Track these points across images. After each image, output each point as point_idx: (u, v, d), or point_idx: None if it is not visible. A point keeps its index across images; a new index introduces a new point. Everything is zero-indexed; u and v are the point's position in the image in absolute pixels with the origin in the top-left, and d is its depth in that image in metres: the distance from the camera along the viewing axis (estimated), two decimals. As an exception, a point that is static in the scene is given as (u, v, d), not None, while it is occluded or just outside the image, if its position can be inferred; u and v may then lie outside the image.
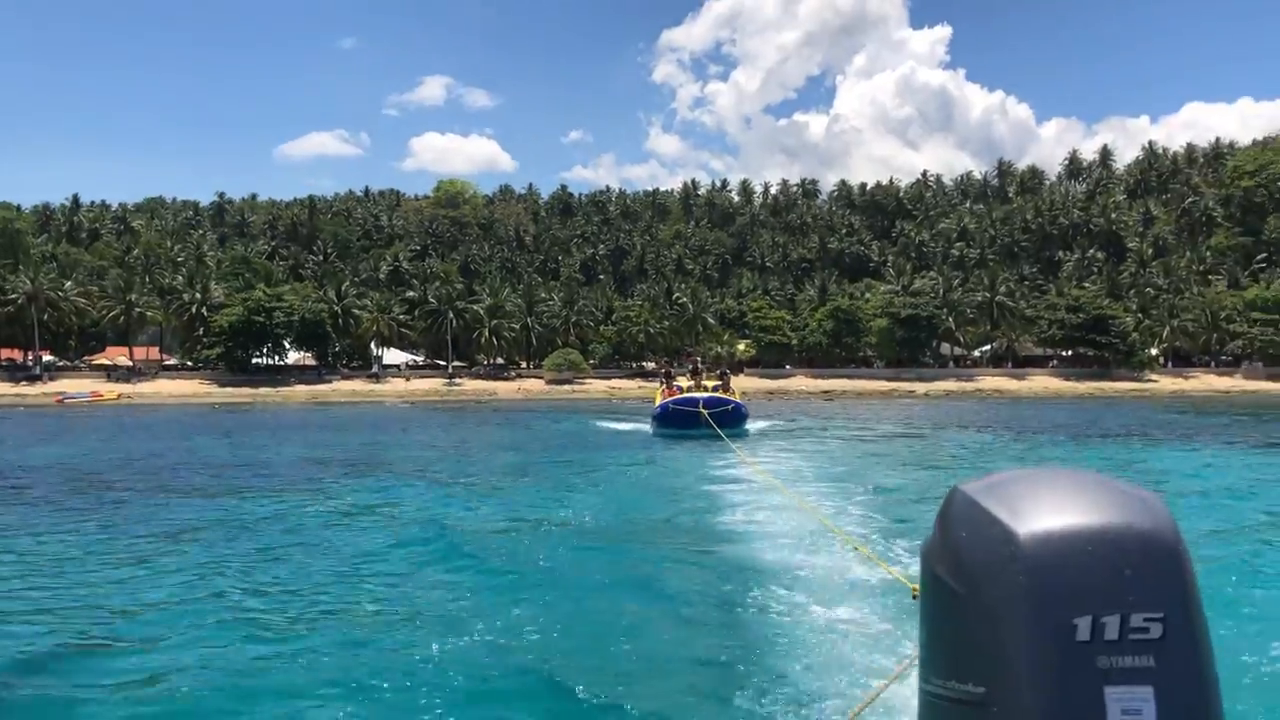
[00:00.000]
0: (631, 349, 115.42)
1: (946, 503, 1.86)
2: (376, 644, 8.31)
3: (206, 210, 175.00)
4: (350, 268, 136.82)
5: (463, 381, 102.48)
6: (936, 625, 1.83)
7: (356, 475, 23.50)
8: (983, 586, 1.69)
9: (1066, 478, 1.78)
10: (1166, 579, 1.63)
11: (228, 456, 29.77)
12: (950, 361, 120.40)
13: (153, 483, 22.01)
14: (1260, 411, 58.46)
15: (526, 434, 41.14)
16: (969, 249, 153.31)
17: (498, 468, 25.72)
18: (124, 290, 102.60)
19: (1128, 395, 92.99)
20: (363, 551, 12.84)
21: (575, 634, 8.48)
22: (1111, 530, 1.64)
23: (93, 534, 14.93)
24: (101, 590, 10.85)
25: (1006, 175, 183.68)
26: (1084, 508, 1.68)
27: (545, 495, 18.77)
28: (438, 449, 32.84)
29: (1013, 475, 1.83)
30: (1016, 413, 58.24)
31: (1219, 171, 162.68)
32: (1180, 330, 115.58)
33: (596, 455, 29.33)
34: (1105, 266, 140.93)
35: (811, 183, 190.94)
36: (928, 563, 1.86)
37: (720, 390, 37.43)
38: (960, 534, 1.77)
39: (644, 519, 15.76)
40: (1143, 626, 1.60)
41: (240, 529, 15.15)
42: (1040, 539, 1.65)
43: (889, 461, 26.53)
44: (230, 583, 11.03)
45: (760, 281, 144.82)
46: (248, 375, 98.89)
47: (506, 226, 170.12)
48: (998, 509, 1.72)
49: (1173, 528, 1.68)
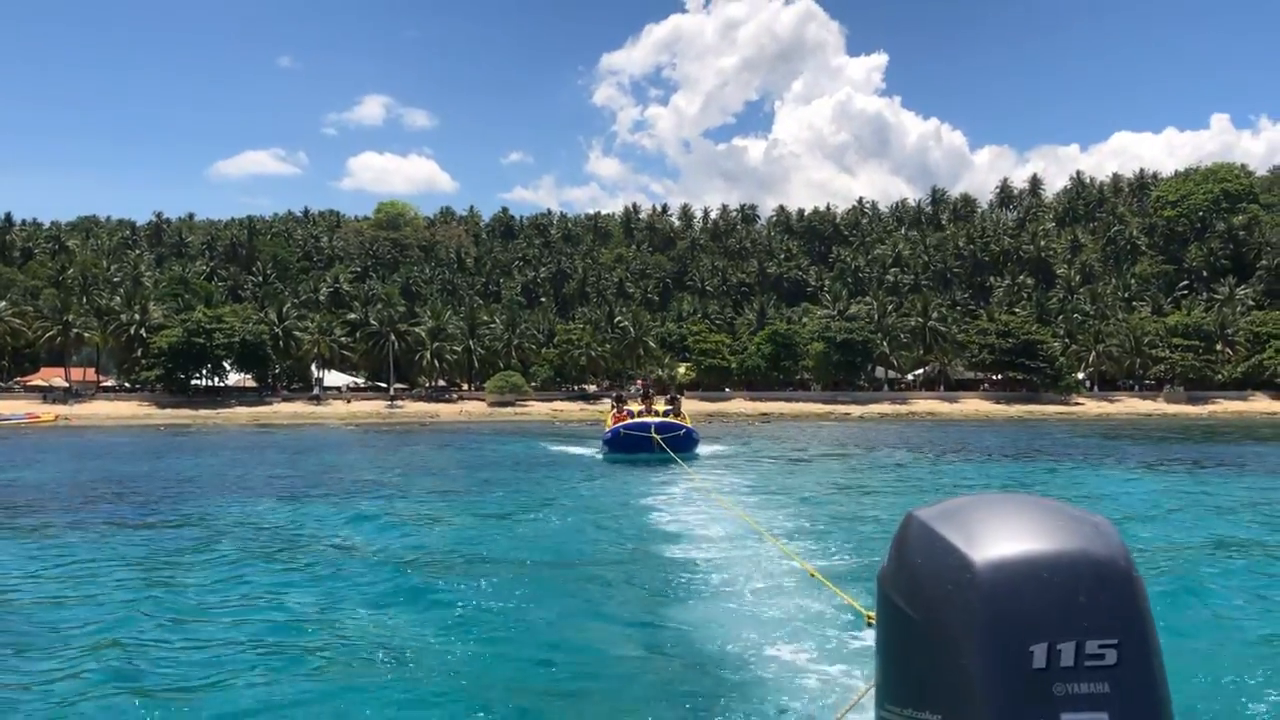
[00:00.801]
0: (573, 372, 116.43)
1: (902, 528, 1.86)
2: (324, 682, 8.07)
3: (143, 230, 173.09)
4: (290, 289, 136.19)
5: (404, 404, 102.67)
6: (892, 652, 1.82)
7: (326, 501, 23.07)
8: (939, 613, 1.68)
9: (1021, 504, 1.78)
10: (1120, 605, 1.63)
11: (197, 480, 29.72)
12: (885, 385, 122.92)
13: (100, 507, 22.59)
14: (1173, 434, 61.14)
15: (475, 458, 40.18)
16: (903, 275, 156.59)
17: (452, 493, 25.37)
18: (61, 311, 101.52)
19: (1054, 418, 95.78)
20: (340, 582, 12.55)
21: (522, 660, 8.48)
22: (1066, 556, 1.64)
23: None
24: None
25: (940, 203, 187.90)
26: (1039, 534, 1.68)
27: (493, 523, 18.59)
28: (397, 473, 32.18)
29: (968, 501, 1.83)
30: (955, 436, 59.82)
31: (1143, 201, 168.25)
32: (1105, 355, 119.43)
33: (548, 480, 28.84)
34: (1035, 292, 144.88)
35: (751, 208, 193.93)
36: (883, 589, 1.85)
37: (671, 415, 37.05)
38: (916, 560, 1.77)
39: (593, 546, 15.54)
40: (1098, 653, 1.59)
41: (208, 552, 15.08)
42: (995, 565, 1.64)
43: (843, 485, 26.71)
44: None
45: (700, 305, 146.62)
46: (187, 397, 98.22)
47: (448, 248, 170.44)
48: (953, 535, 1.72)
49: (1125, 554, 1.69)
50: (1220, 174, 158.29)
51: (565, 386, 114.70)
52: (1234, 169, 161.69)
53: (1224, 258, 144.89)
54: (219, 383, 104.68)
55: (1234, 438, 56.42)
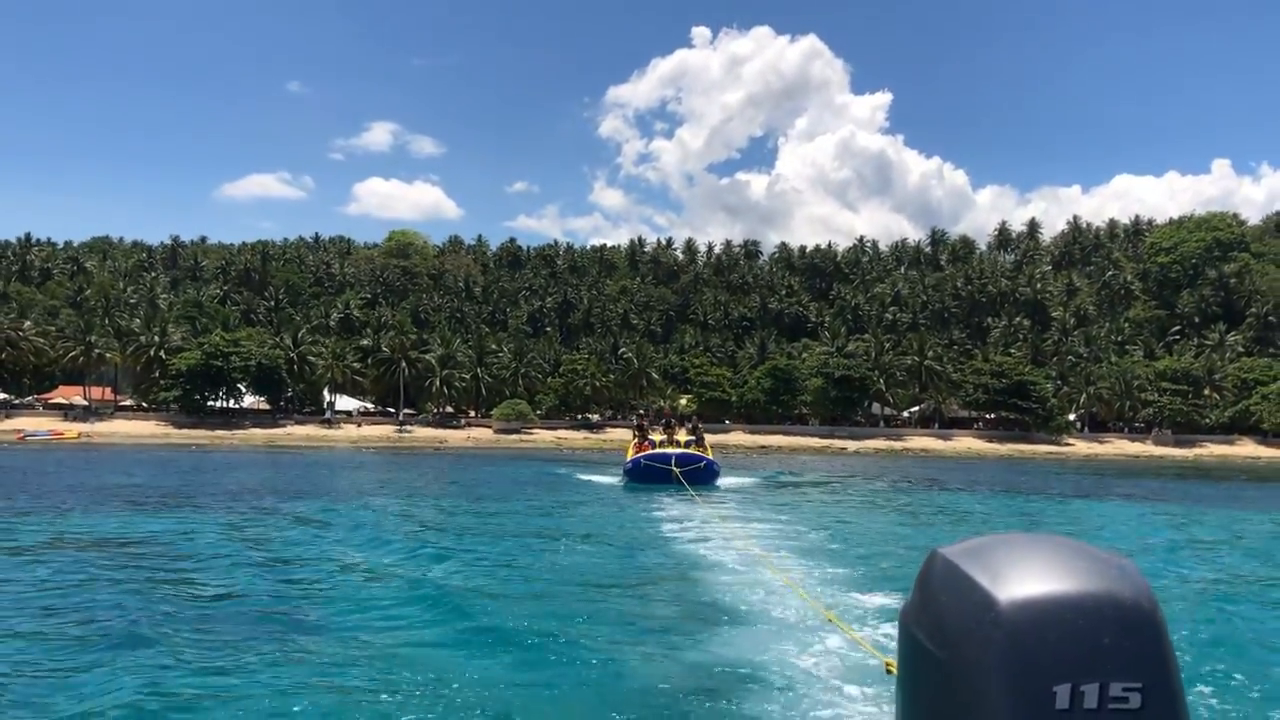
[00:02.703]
0: (577, 401, 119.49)
1: (926, 566, 1.84)
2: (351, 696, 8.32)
3: (159, 252, 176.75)
4: (302, 314, 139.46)
5: (413, 429, 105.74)
6: (914, 690, 1.80)
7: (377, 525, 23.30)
8: (962, 651, 1.65)
9: (1046, 544, 1.76)
10: (1145, 648, 1.60)
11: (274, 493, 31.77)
12: (881, 421, 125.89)
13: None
14: (1151, 473, 64.03)
15: (497, 484, 40.57)
16: (902, 313, 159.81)
17: (479, 517, 26.01)
18: (84, 331, 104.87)
19: (1044, 457, 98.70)
20: (368, 603, 12.77)
21: (538, 698, 8.60)
22: (1091, 598, 1.61)
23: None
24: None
25: (939, 243, 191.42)
26: (1064, 574, 1.65)
27: (508, 551, 18.77)
28: (433, 496, 33.13)
29: (992, 540, 1.81)
30: (952, 472, 61.56)
31: (1138, 247, 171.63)
32: (1096, 397, 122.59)
33: (579, 506, 29.17)
34: (1030, 334, 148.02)
35: (753, 244, 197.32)
36: (906, 626, 1.82)
37: (693, 446, 37.00)
38: (940, 598, 1.74)
39: (609, 579, 15.55)
40: (1122, 696, 1.56)
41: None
42: (1021, 605, 1.62)
43: (867, 522, 26.87)
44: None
45: (702, 338, 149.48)
46: (203, 418, 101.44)
47: (456, 277, 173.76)
48: (978, 574, 1.69)
49: (1150, 596, 1.66)
50: (1213, 223, 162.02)
51: (569, 415, 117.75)
52: (1226, 218, 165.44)
53: (1215, 304, 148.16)
54: (234, 405, 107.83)
55: (1213, 478, 59.38)
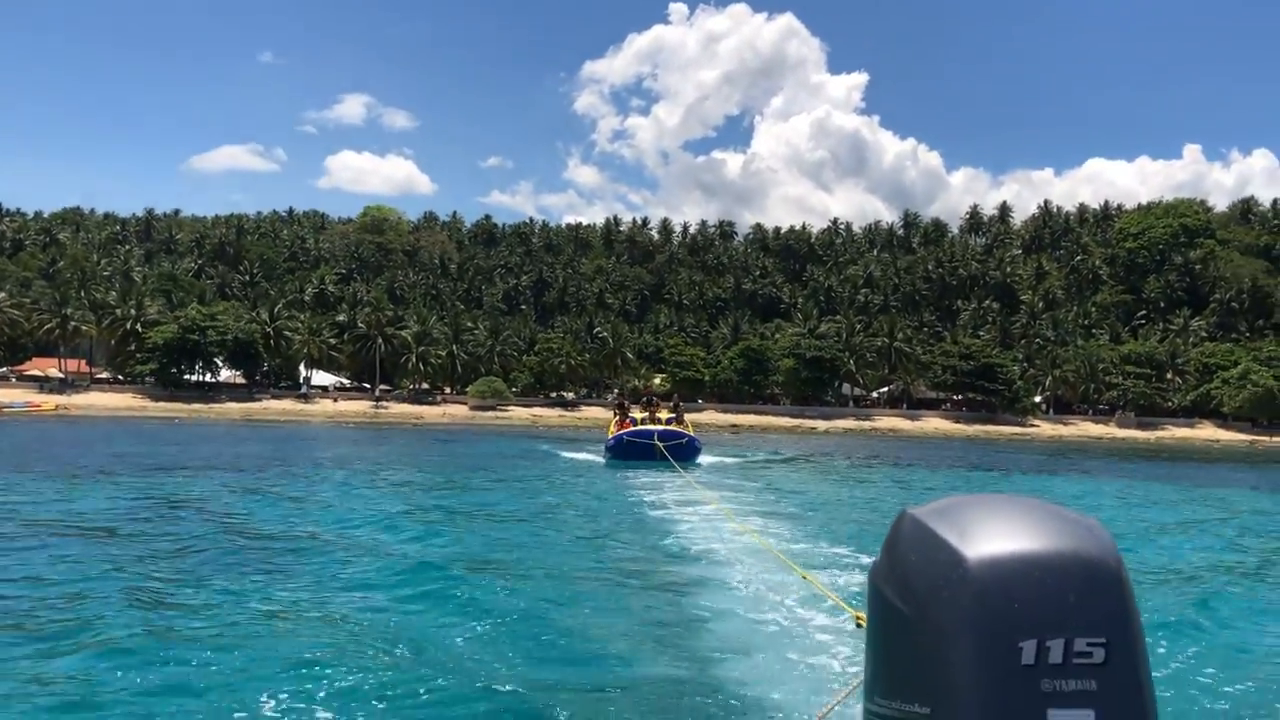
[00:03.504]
0: (552, 380, 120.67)
1: (895, 526, 1.86)
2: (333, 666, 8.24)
3: (132, 225, 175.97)
4: (276, 288, 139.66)
5: (389, 405, 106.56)
6: (883, 646, 1.82)
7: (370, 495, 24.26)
8: (930, 608, 1.68)
9: (1014, 504, 1.79)
10: (1109, 604, 1.64)
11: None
12: (850, 401, 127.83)
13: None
14: (1114, 454, 66.03)
15: (482, 460, 41.16)
16: (873, 295, 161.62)
17: (468, 491, 26.66)
18: (60, 304, 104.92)
19: (1009, 438, 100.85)
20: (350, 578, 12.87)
21: (527, 654, 8.72)
22: (1057, 556, 1.64)
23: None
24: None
25: (912, 226, 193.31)
26: (1031, 533, 1.68)
27: (494, 522, 19.30)
28: (416, 469, 34.60)
29: (961, 500, 1.84)
30: (919, 451, 64.47)
31: (1107, 232, 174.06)
32: (1061, 379, 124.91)
33: (563, 483, 29.93)
34: (999, 317, 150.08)
35: (728, 224, 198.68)
36: (875, 584, 1.85)
37: (674, 423, 37.69)
38: (909, 557, 1.77)
39: (593, 548, 15.99)
40: (1086, 651, 1.59)
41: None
42: (988, 563, 1.64)
43: (834, 488, 28.34)
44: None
45: (677, 318, 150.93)
46: (180, 391, 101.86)
47: (431, 254, 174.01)
48: (947, 533, 1.72)
49: (1115, 554, 1.69)
50: (1180, 209, 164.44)
51: (544, 394, 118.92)
52: (1193, 205, 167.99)
53: (1180, 290, 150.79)
54: (210, 379, 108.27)
55: (1165, 460, 61.39)
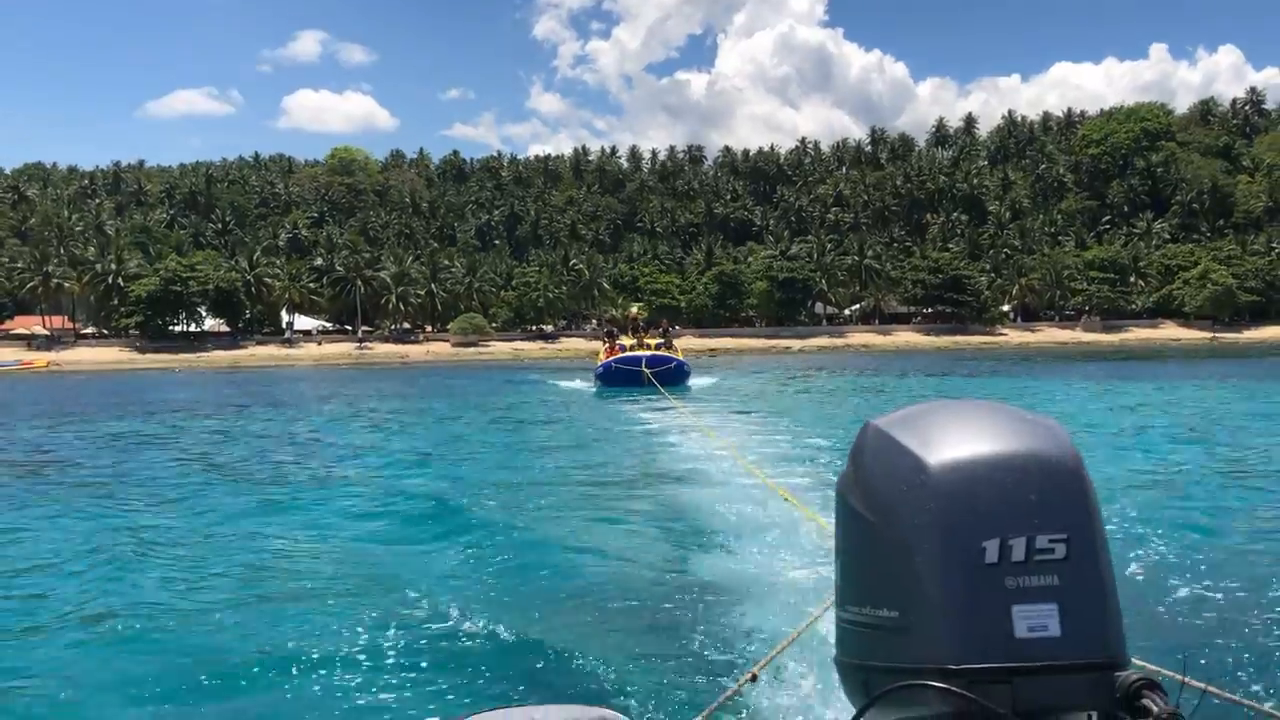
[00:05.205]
0: (531, 313, 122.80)
1: (859, 436, 1.87)
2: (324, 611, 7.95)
3: (100, 178, 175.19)
4: (250, 235, 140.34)
5: (373, 346, 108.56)
6: (851, 555, 1.83)
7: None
8: (895, 515, 1.70)
9: (974, 408, 1.80)
10: (1070, 502, 1.65)
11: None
12: (823, 320, 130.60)
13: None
14: (1074, 357, 68.87)
15: (478, 392, 41.70)
16: (844, 213, 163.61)
17: (470, 423, 27.14)
18: (40, 261, 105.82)
19: (979, 347, 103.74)
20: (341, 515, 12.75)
21: (510, 583, 8.76)
22: (1018, 457, 1.66)
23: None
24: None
25: (879, 142, 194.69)
26: (991, 436, 1.70)
27: (491, 447, 20.13)
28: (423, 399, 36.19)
29: (923, 408, 1.85)
30: (895, 363, 67.11)
31: (1071, 139, 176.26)
32: (1028, 288, 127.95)
33: (558, 411, 30.89)
34: (967, 229, 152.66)
35: (697, 149, 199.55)
36: (842, 495, 1.86)
37: (663, 348, 38.12)
38: (873, 466, 1.78)
39: (579, 469, 16.27)
40: (1048, 547, 1.61)
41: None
42: (949, 467, 1.66)
43: (820, 408, 29.18)
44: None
45: (650, 246, 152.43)
46: (166, 342, 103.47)
47: (401, 193, 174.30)
48: (909, 440, 1.73)
49: (1074, 453, 1.71)
50: (1141, 113, 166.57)
51: (524, 327, 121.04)
52: (1154, 108, 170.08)
53: (1143, 194, 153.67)
54: (194, 329, 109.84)
55: (1125, 357, 64.26)
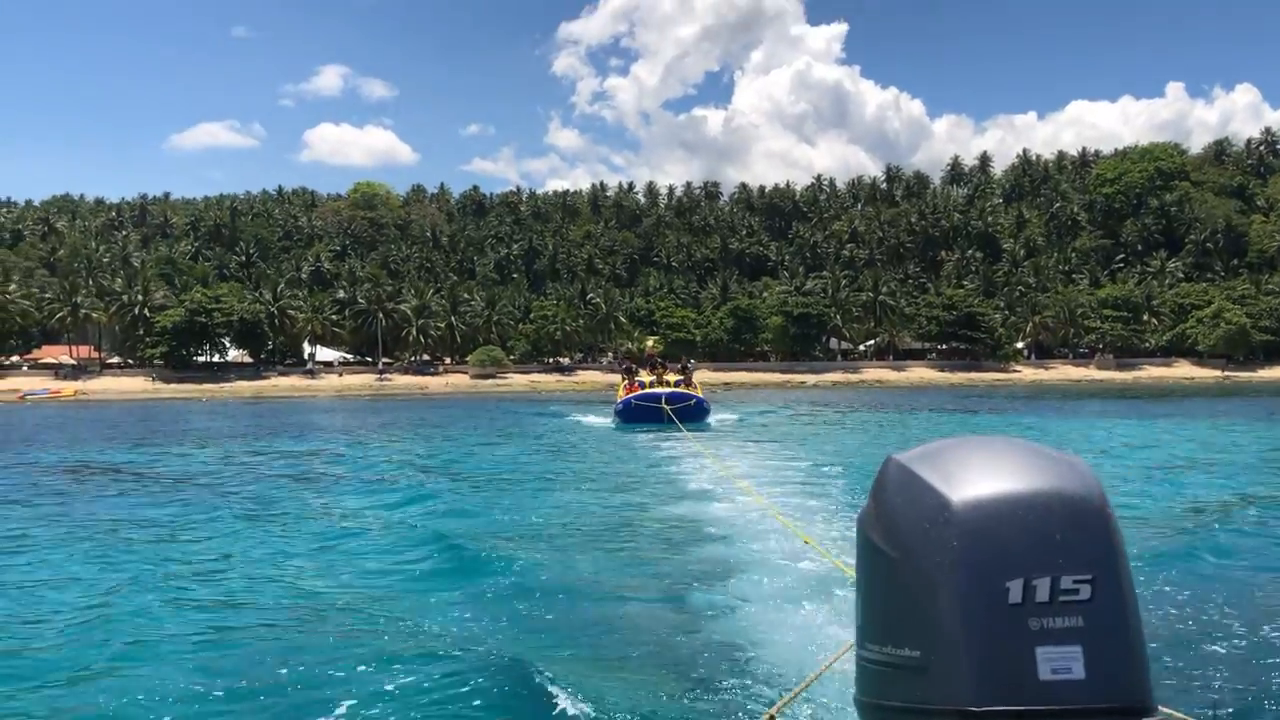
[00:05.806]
0: (548, 346, 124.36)
1: (881, 472, 1.87)
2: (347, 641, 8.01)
3: (127, 210, 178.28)
4: (273, 268, 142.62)
5: (393, 377, 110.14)
6: (871, 592, 1.83)
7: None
8: (917, 552, 1.69)
9: (997, 445, 1.80)
10: (1094, 542, 1.65)
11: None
12: (838, 355, 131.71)
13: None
14: (1088, 394, 69.79)
15: (501, 426, 41.78)
16: (859, 249, 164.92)
17: (494, 458, 26.75)
18: (69, 292, 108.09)
19: (992, 383, 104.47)
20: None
21: (529, 617, 8.73)
22: (1042, 495, 1.65)
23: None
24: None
25: (895, 179, 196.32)
26: (1015, 473, 1.69)
27: (525, 487, 19.72)
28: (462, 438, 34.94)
29: (945, 444, 1.85)
30: (907, 399, 67.90)
31: (1085, 178, 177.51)
32: (1042, 325, 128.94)
33: (579, 447, 30.28)
34: (982, 266, 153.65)
35: (713, 184, 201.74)
36: (863, 531, 1.87)
37: (682, 385, 37.74)
38: (895, 501, 1.78)
39: (599, 509, 16.02)
40: (1072, 588, 1.61)
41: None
42: (973, 505, 1.66)
43: (834, 442, 29.15)
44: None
45: (666, 280, 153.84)
46: (190, 373, 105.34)
47: (422, 227, 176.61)
48: (931, 476, 1.73)
49: (1100, 492, 1.71)
50: (1155, 153, 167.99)
51: (541, 360, 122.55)
52: (1168, 148, 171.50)
53: (1157, 233, 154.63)
54: (218, 359, 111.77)
55: (1136, 396, 65.15)
